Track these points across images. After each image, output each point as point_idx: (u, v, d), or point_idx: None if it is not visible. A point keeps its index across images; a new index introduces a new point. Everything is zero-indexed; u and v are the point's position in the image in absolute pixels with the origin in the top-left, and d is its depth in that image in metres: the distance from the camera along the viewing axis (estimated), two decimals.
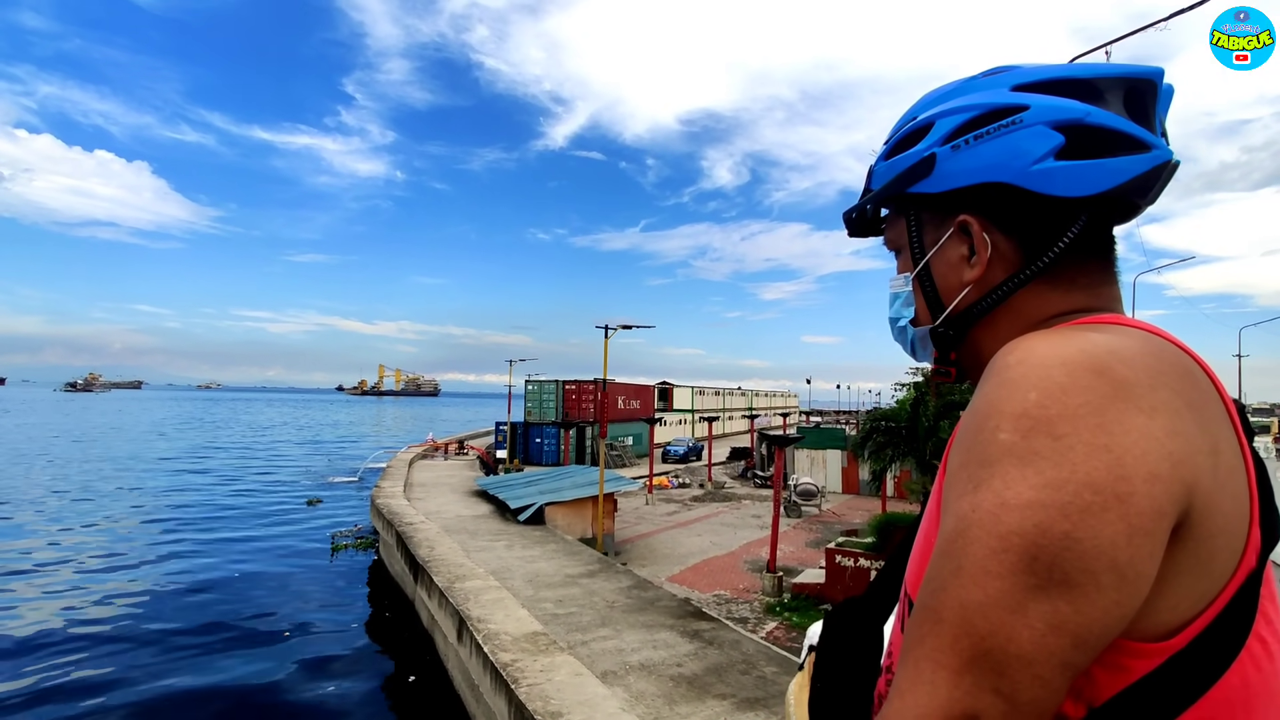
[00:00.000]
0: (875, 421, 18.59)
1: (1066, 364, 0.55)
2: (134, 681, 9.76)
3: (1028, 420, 0.54)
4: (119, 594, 13.77)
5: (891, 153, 0.79)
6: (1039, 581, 0.50)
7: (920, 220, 0.78)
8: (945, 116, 0.73)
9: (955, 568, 0.53)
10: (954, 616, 0.52)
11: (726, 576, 14.39)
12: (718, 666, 6.72)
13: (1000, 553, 0.51)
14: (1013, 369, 0.58)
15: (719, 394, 62.19)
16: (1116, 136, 0.67)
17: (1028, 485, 0.52)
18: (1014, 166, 0.68)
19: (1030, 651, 0.50)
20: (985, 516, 0.53)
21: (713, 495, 26.19)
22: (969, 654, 0.51)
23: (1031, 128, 0.67)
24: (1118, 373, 0.54)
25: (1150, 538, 0.51)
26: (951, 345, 0.77)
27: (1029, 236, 0.70)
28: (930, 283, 0.77)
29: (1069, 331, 0.61)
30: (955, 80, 0.79)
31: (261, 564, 16.34)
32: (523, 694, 5.76)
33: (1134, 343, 0.59)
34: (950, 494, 0.58)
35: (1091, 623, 0.50)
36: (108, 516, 21.83)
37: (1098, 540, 0.50)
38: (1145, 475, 0.51)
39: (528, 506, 14.73)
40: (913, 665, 0.54)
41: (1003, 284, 0.71)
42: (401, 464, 25.21)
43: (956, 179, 0.71)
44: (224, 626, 12.00)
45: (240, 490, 28.33)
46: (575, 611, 8.46)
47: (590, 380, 35.64)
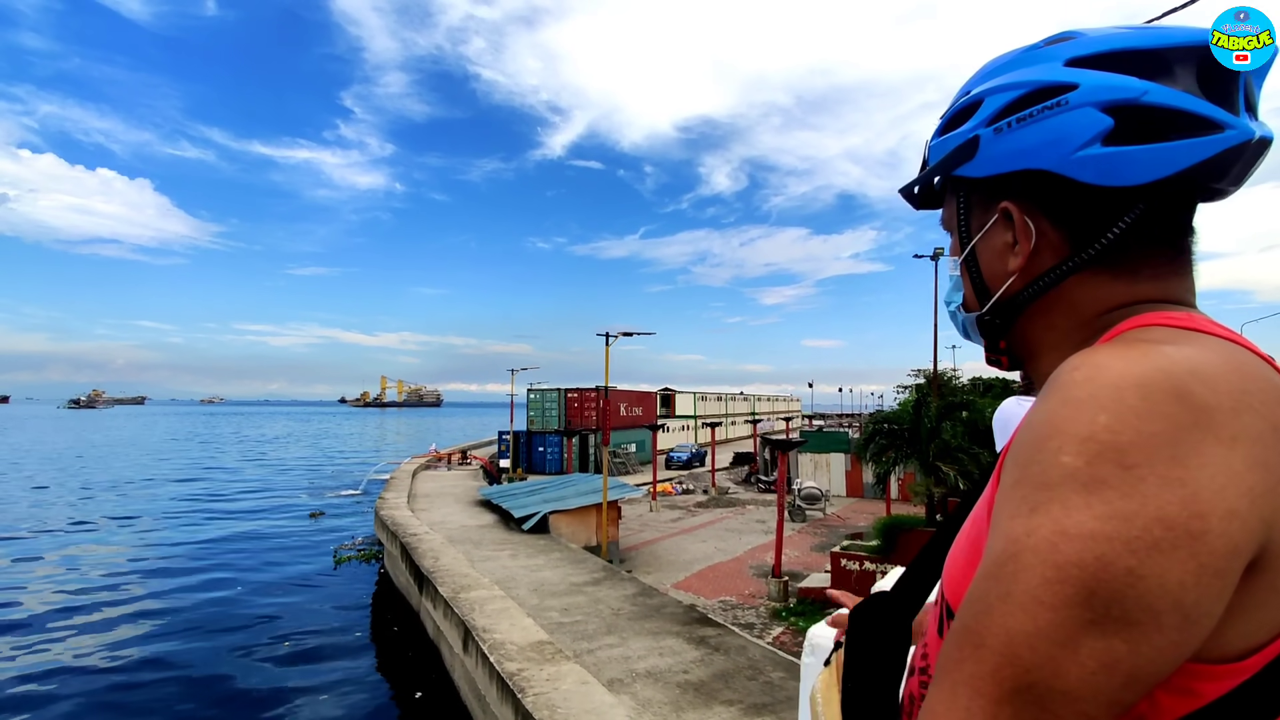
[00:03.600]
0: (878, 424, 18.60)
1: (1142, 386, 0.50)
2: (137, 694, 9.73)
3: (1095, 445, 0.49)
4: (121, 608, 13.75)
5: (944, 129, 0.74)
6: (1095, 617, 0.46)
7: (968, 203, 0.74)
8: (994, 94, 0.68)
9: (1004, 593, 0.49)
10: (998, 644, 0.49)
11: (732, 582, 14.36)
12: (724, 673, 6.70)
13: (1055, 583, 0.47)
14: (1080, 386, 0.53)
15: (721, 399, 62.18)
16: (1180, 116, 0.60)
17: (1091, 515, 0.48)
18: (1055, 153, 0.63)
19: (1077, 689, 0.47)
20: (1041, 543, 0.49)
21: (716, 501, 26.15)
22: (1011, 685, 0.48)
23: (1078, 109, 0.62)
24: (1198, 397, 0.49)
25: (1221, 578, 0.47)
26: (999, 334, 0.74)
27: (1076, 225, 0.66)
28: (977, 269, 0.73)
29: (1143, 345, 0.56)
30: (1018, 48, 0.72)
31: (265, 577, 16.32)
32: (529, 703, 5.74)
33: (1217, 359, 0.53)
34: (1001, 512, 0.54)
35: (1147, 663, 0.47)
36: (111, 531, 21.83)
37: (1164, 579, 0.46)
38: (1222, 513, 0.47)
39: (532, 515, 14.71)
40: (949, 689, 0.51)
41: (1048, 273, 0.67)
42: (405, 475, 25.19)
43: (997, 164, 0.67)
44: (227, 641, 11.98)
45: (243, 504, 28.32)
46: (581, 620, 8.44)
47: (592, 388, 35.64)
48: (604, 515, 15.23)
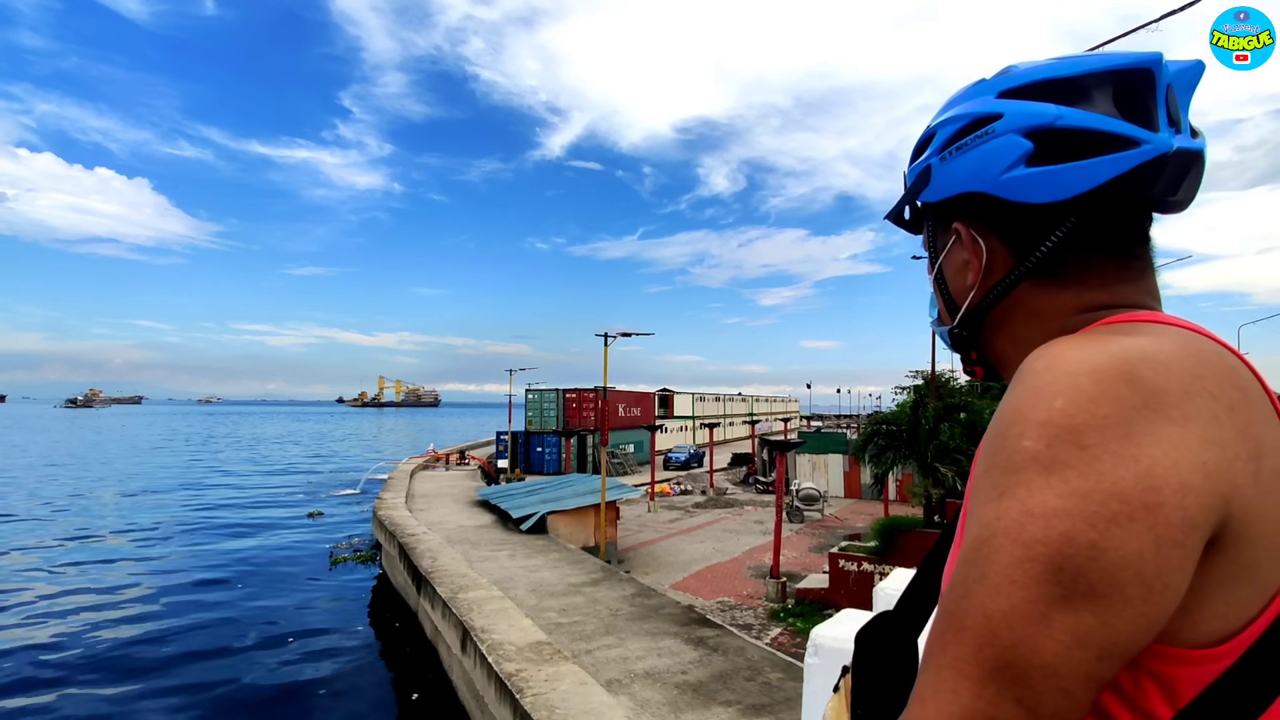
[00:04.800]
0: (876, 425, 18.62)
1: (1096, 371, 0.54)
2: (134, 696, 9.71)
3: (1053, 428, 0.52)
4: (118, 609, 13.73)
5: (913, 159, 0.81)
6: (1064, 592, 0.49)
7: (933, 226, 0.80)
8: (943, 126, 0.75)
9: (979, 575, 0.52)
10: (977, 625, 0.51)
11: (730, 583, 14.36)
12: (723, 673, 6.70)
13: (1025, 561, 0.50)
14: (1040, 375, 0.56)
15: (719, 400, 62.19)
16: (1093, 136, 0.65)
17: (1053, 494, 0.51)
18: (986, 176, 0.69)
19: (1054, 663, 0.49)
20: (1010, 524, 0.52)
21: (715, 502, 26.16)
22: (992, 664, 0.50)
23: (1002, 136, 0.68)
24: (1149, 380, 0.53)
25: (1180, 549, 0.49)
26: (968, 345, 0.79)
27: (1017, 239, 0.71)
28: (945, 285, 0.79)
29: (1100, 335, 0.60)
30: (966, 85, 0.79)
31: (262, 578, 16.30)
32: (527, 704, 5.74)
33: (1170, 345, 0.56)
34: (974, 500, 0.56)
35: (1117, 635, 0.49)
36: (107, 531, 21.79)
37: (1124, 551, 0.49)
38: (1176, 486, 0.50)
39: (530, 516, 14.71)
40: (934, 673, 0.53)
41: (998, 284, 0.72)
42: (403, 475, 25.17)
43: (944, 189, 0.74)
44: (223, 642, 11.96)
45: (240, 504, 28.28)
46: (579, 620, 8.44)
47: (591, 388, 35.64)
48: (602, 516, 15.23)
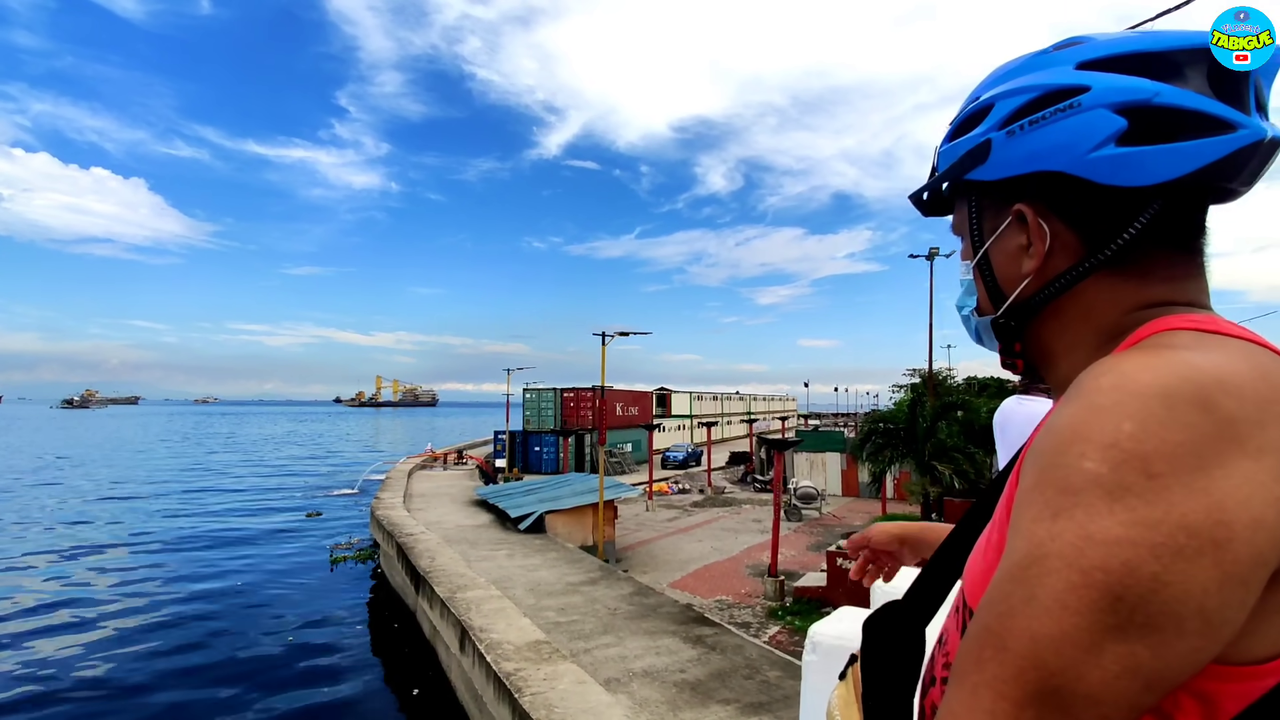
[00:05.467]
0: (874, 424, 18.69)
1: (1168, 395, 0.50)
2: (132, 695, 9.70)
3: (1119, 453, 0.49)
4: (116, 610, 13.70)
5: (954, 135, 0.74)
6: (1119, 622, 0.46)
7: (979, 207, 0.74)
8: (1005, 98, 0.68)
9: (1027, 596, 0.49)
10: (1022, 648, 0.49)
11: (728, 582, 14.38)
12: (721, 672, 6.71)
13: (1081, 588, 0.47)
14: (1106, 394, 0.52)
15: (717, 399, 62.21)
16: (1192, 116, 0.60)
17: (1116, 521, 0.48)
18: (1069, 154, 0.63)
19: (1099, 692, 0.47)
20: (1066, 548, 0.49)
21: (713, 500, 26.18)
22: (1034, 688, 0.48)
23: (1091, 111, 0.62)
24: (1224, 408, 0.49)
25: (1245, 586, 0.47)
26: (1014, 337, 0.73)
27: (1090, 226, 0.66)
28: (990, 272, 0.73)
29: (1169, 353, 0.56)
30: (1021, 56, 0.73)
31: (261, 577, 16.28)
32: (526, 703, 5.75)
33: (1244, 366, 0.53)
34: (1022, 516, 0.53)
35: (1167, 668, 0.47)
36: (104, 532, 21.74)
37: (1188, 586, 0.46)
38: (1247, 522, 0.47)
39: (528, 515, 14.71)
40: (970, 691, 0.51)
41: (1063, 275, 0.67)
42: (401, 475, 25.15)
43: (1010, 167, 0.67)
44: (222, 641, 11.95)
45: (239, 504, 28.25)
46: (577, 619, 8.44)
47: (588, 387, 35.63)
48: (600, 515, 15.24)
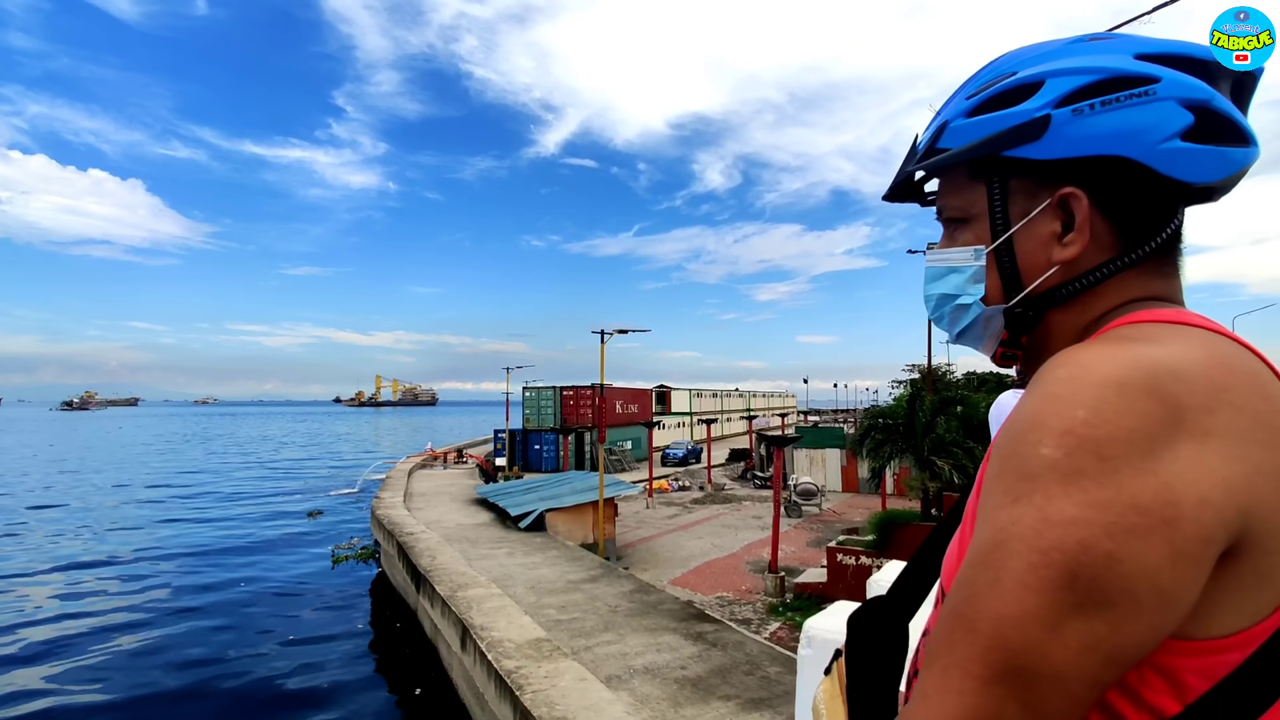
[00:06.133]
0: (873, 420, 18.67)
1: (1121, 384, 0.53)
2: (135, 695, 9.72)
3: (1073, 438, 0.52)
4: (118, 610, 13.71)
5: (981, 109, 0.70)
6: (1078, 599, 0.49)
7: (1006, 188, 0.70)
8: (1062, 76, 0.66)
9: (992, 579, 0.52)
10: (988, 628, 0.51)
11: (728, 578, 14.40)
12: (722, 668, 6.73)
13: (1040, 568, 0.50)
14: (1062, 383, 0.55)
15: (717, 396, 62.21)
16: (1231, 126, 0.63)
17: (1071, 503, 0.50)
18: (1143, 141, 0.62)
19: (1062, 668, 0.49)
20: (1026, 530, 0.51)
21: (713, 497, 26.19)
22: (1000, 666, 0.50)
23: (1164, 102, 0.62)
24: (1174, 395, 0.52)
25: (1195, 563, 0.50)
26: (1027, 327, 0.71)
27: (1132, 221, 0.66)
28: (1011, 259, 0.70)
29: (1126, 344, 0.58)
30: (1053, 40, 0.71)
31: (262, 578, 16.29)
32: (527, 700, 5.76)
33: (1199, 355, 0.55)
34: (987, 502, 0.56)
35: (1127, 643, 0.50)
36: (107, 533, 21.75)
37: (1140, 562, 0.49)
38: (1195, 501, 0.50)
39: (528, 513, 14.72)
40: (940, 671, 0.53)
41: (1096, 269, 0.66)
42: (401, 474, 25.15)
43: (1073, 146, 0.64)
44: (225, 640, 11.97)
45: (240, 505, 28.25)
46: (578, 617, 8.46)
47: (588, 385, 35.63)
48: (600, 513, 15.25)
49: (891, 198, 0.82)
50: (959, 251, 0.74)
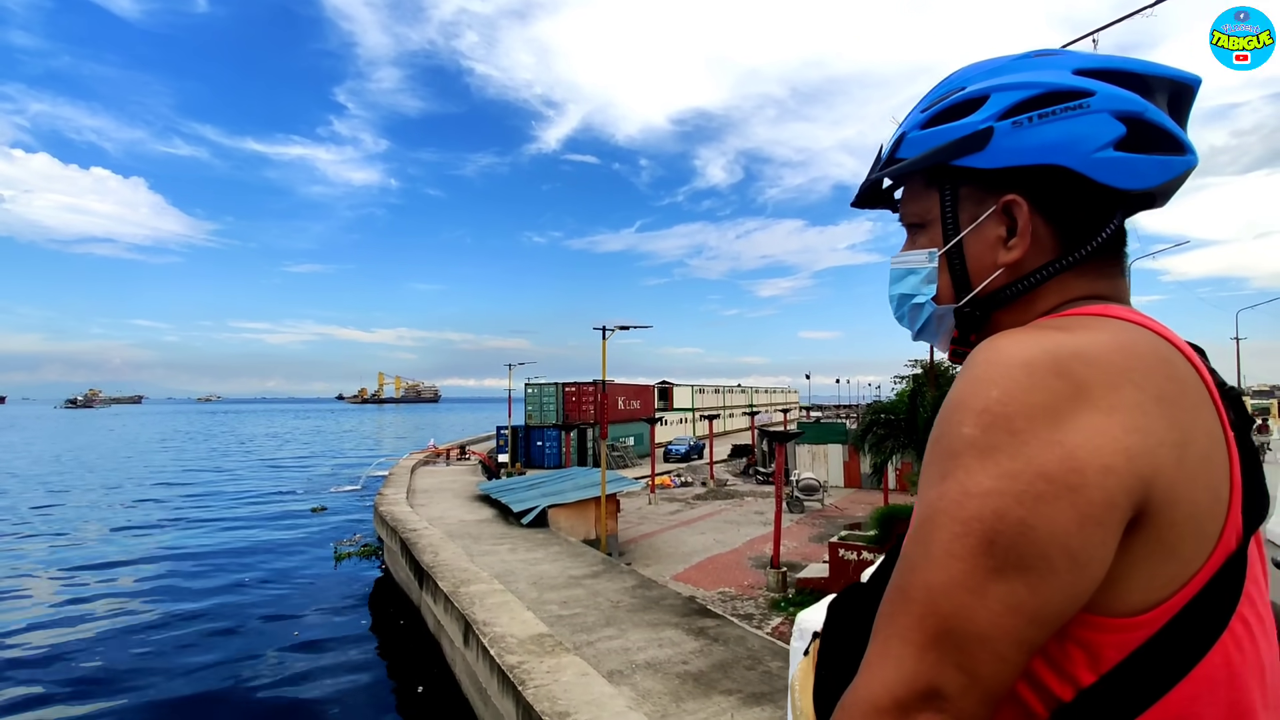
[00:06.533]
0: (875, 415, 18.64)
1: (1029, 364, 0.58)
2: (139, 691, 9.77)
3: (988, 416, 0.57)
4: (119, 607, 13.78)
5: (933, 121, 0.75)
6: (997, 564, 0.54)
7: (957, 195, 0.74)
8: (1005, 91, 0.70)
9: (923, 552, 0.57)
10: (921, 596, 0.56)
11: (730, 574, 14.42)
12: (724, 663, 6.75)
13: (962, 537, 0.55)
14: (980, 367, 0.61)
15: (719, 392, 62.23)
16: (1165, 136, 0.67)
17: (987, 475, 0.55)
18: (1077, 151, 0.66)
19: (989, 630, 0.54)
20: (950, 504, 0.57)
21: (715, 493, 26.20)
22: (933, 632, 0.55)
23: (1097, 114, 0.66)
24: (1077, 373, 0.57)
25: (1101, 526, 0.54)
26: (975, 326, 0.77)
27: (1071, 225, 0.70)
28: (960, 261, 0.74)
29: (1040, 331, 0.63)
30: (1001, 56, 0.76)
31: (266, 574, 16.34)
32: (530, 695, 5.79)
33: (1105, 339, 0.60)
34: (922, 482, 0.61)
35: (1046, 603, 0.54)
36: (111, 528, 21.83)
37: (1051, 527, 0.54)
38: (1098, 468, 0.54)
39: (530, 509, 14.75)
40: (881, 641, 0.58)
41: (1038, 270, 0.71)
42: (404, 471, 25.20)
43: (1013, 156, 0.69)
44: (229, 636, 12.02)
45: (244, 501, 28.34)
46: (580, 612, 8.48)
47: (590, 382, 35.63)
48: (602, 508, 15.28)
49: (860, 204, 0.87)
50: (916, 254, 0.79)
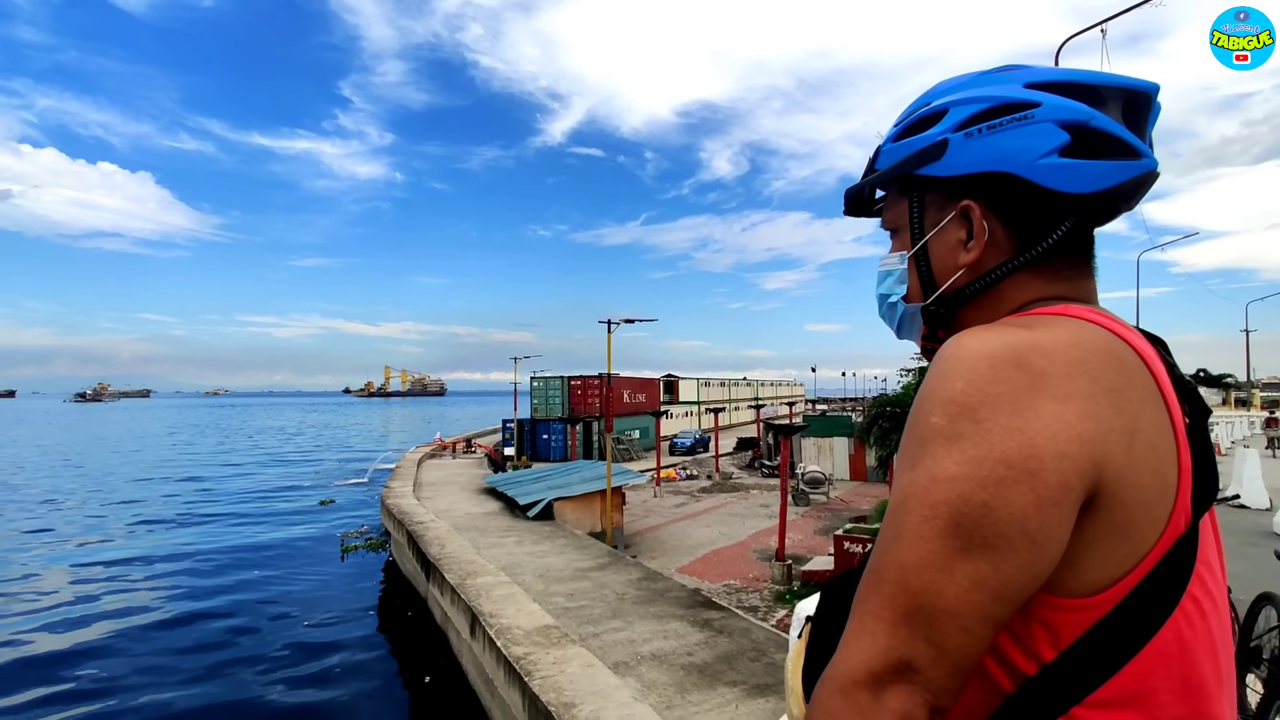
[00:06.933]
0: (881, 407, 18.62)
1: (991, 357, 0.63)
2: (146, 684, 9.88)
3: (954, 406, 0.62)
4: (127, 602, 13.92)
5: (902, 135, 0.81)
6: (962, 544, 0.58)
7: (923, 202, 0.81)
8: (960, 105, 0.76)
9: (896, 534, 0.62)
10: (893, 576, 0.60)
11: (736, 566, 14.46)
12: (728, 654, 6.78)
13: (930, 519, 0.59)
14: (947, 361, 0.65)
15: (724, 385, 62.16)
16: (1115, 141, 0.71)
17: (953, 461, 0.60)
18: (1021, 159, 0.72)
19: (956, 606, 0.58)
20: (919, 489, 0.61)
21: (720, 486, 26.26)
22: (904, 608, 0.59)
23: (1041, 124, 0.71)
24: (1035, 365, 0.62)
25: (1058, 507, 0.59)
26: (941, 323, 0.82)
27: (1024, 227, 0.75)
28: (926, 263, 0.81)
29: (1003, 328, 0.67)
30: (969, 73, 0.82)
31: (273, 567, 16.48)
32: (536, 686, 5.83)
33: (1062, 335, 0.65)
34: (896, 470, 0.66)
35: (1008, 580, 0.58)
36: (120, 522, 22.04)
37: (1011, 509, 0.58)
38: (1054, 454, 0.59)
39: (536, 502, 14.81)
40: (858, 618, 0.62)
41: (994, 270, 0.76)
42: (410, 464, 25.31)
43: (966, 165, 0.75)
44: (235, 632, 12.12)
45: (252, 494, 28.54)
46: (586, 604, 8.53)
47: (595, 375, 35.64)
48: (608, 501, 15.33)
49: (850, 213, 0.93)
50: (893, 257, 0.86)
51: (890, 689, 0.58)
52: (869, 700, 0.58)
